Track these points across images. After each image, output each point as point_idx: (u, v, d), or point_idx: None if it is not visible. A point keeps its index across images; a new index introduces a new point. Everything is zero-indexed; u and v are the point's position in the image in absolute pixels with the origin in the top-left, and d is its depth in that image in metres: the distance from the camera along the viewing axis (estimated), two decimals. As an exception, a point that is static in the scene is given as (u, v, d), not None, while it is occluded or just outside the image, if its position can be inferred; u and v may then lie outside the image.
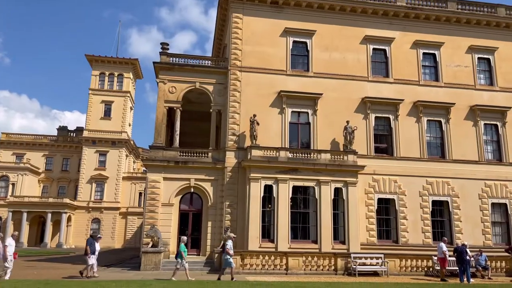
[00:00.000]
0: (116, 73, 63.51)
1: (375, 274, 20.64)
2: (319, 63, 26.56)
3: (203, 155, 24.94)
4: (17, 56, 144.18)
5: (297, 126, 25.73)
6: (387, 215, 25.47)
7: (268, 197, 23.39)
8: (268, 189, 23.32)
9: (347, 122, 24.82)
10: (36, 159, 62.42)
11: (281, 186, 23.24)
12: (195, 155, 24.90)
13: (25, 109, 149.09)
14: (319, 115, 25.65)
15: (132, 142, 66.02)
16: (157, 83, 26.07)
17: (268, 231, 23.07)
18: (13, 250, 15.38)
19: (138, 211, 59.77)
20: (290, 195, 23.26)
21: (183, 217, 24.55)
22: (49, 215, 55.19)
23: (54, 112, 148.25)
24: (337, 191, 23.86)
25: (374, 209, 24.92)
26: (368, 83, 26.80)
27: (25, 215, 54.51)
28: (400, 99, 26.58)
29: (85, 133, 60.89)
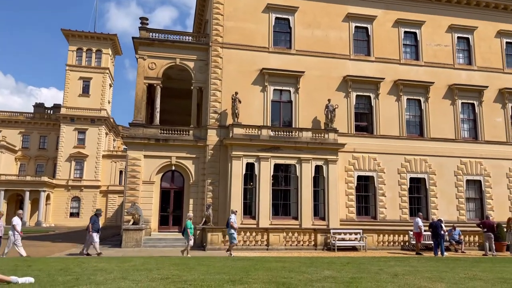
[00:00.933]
0: (94, 49, 61.81)
1: (354, 249, 21.20)
2: (302, 41, 26.40)
3: (184, 133, 24.77)
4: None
5: (279, 104, 25.72)
6: (366, 192, 26.00)
7: (250, 175, 23.52)
8: (250, 167, 23.43)
9: (329, 100, 24.94)
10: (12, 136, 60.91)
11: (263, 164, 23.36)
12: (176, 132, 24.72)
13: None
14: (301, 93, 25.67)
15: (112, 119, 64.95)
16: (137, 59, 25.50)
17: (249, 208, 23.30)
18: (19, 228, 15.77)
19: (119, 189, 59.37)
20: (271, 173, 23.45)
21: (165, 195, 24.54)
22: (27, 194, 54.40)
23: (30, 88, 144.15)
24: (318, 169, 24.15)
25: (353, 186, 25.39)
26: (350, 61, 26.85)
27: (2, 193, 53.56)
28: (381, 78, 26.77)
29: (63, 110, 59.54)
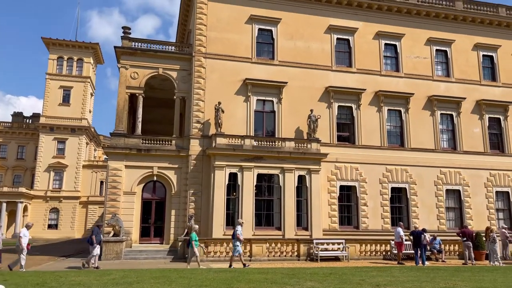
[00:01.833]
0: (75, 58, 61.02)
1: (337, 259, 21.24)
2: (284, 52, 26.62)
3: (167, 142, 24.55)
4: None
5: (262, 114, 25.78)
6: (348, 201, 26.15)
7: (232, 185, 23.40)
8: (233, 177, 23.32)
9: (311, 110, 25.13)
10: (-12, 146, 59.33)
11: (246, 174, 23.29)
12: (158, 142, 24.48)
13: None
14: (284, 104, 25.80)
15: (92, 129, 63.99)
16: (119, 68, 25.28)
17: (232, 219, 23.11)
18: (27, 241, 15.53)
19: (99, 200, 58.27)
20: (254, 183, 23.39)
21: (146, 206, 24.19)
22: (4, 205, 52.92)
23: (8, 97, 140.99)
24: (301, 179, 24.20)
25: (336, 196, 25.51)
26: (331, 72, 27.17)
27: (-23, 205, 51.95)
28: (362, 89, 27.15)
29: (42, 120, 58.36)
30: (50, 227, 57.07)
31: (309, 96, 26.25)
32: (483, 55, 30.51)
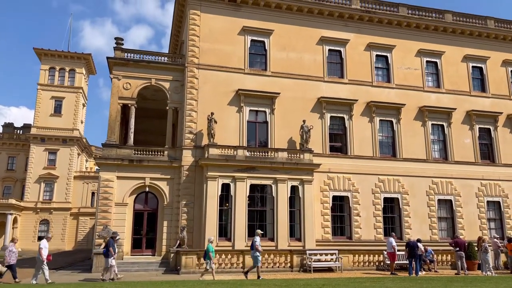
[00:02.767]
0: (67, 68, 60.77)
1: (330, 270, 21.14)
2: (277, 63, 26.80)
3: (159, 153, 24.44)
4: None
5: (255, 124, 25.82)
6: (341, 212, 26.15)
7: (225, 196, 23.31)
8: (225, 187, 23.25)
9: (304, 121, 25.24)
10: (-22, 157, 58.60)
11: (239, 184, 23.23)
12: (150, 153, 24.36)
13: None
14: (276, 114, 25.89)
15: (84, 140, 63.51)
16: (111, 79, 25.24)
17: (225, 230, 23.00)
18: (47, 252, 15.87)
19: (90, 211, 57.57)
20: (247, 194, 23.32)
21: (138, 217, 23.96)
22: (-7, 217, 51.99)
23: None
24: (294, 189, 24.19)
25: (329, 206, 25.50)
26: (324, 83, 27.37)
27: (-35, 217, 51.05)
28: (354, 100, 27.35)
29: (33, 130, 57.81)
30: (40, 239, 55.98)
31: (302, 106, 26.38)
32: (473, 67, 30.96)
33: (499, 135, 30.03)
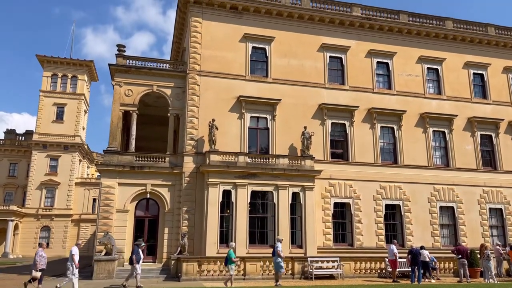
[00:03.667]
0: (69, 75, 61.09)
1: (331, 277, 21.03)
2: (278, 69, 26.89)
3: (160, 160, 24.47)
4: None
5: (256, 131, 25.85)
6: (342, 219, 26.05)
7: (226, 202, 23.27)
8: (226, 194, 23.22)
9: (305, 127, 25.26)
10: (-20, 163, 58.72)
11: (240, 191, 23.21)
12: (151, 160, 24.38)
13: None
14: (277, 121, 25.92)
15: (86, 146, 63.65)
16: (113, 85, 25.35)
17: (226, 237, 22.92)
18: (78, 258, 15.80)
19: (91, 218, 57.55)
20: (248, 200, 23.28)
21: (139, 224, 23.93)
22: (-6, 223, 51.96)
23: (0, 114, 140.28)
24: (295, 196, 24.14)
25: (330, 213, 25.42)
26: (325, 90, 27.42)
27: (-34, 223, 51.02)
28: (355, 106, 27.38)
29: (35, 137, 57.99)
30: (40, 246, 56.00)
31: (303, 113, 26.42)
32: (474, 73, 31.00)
33: (500, 142, 29.97)
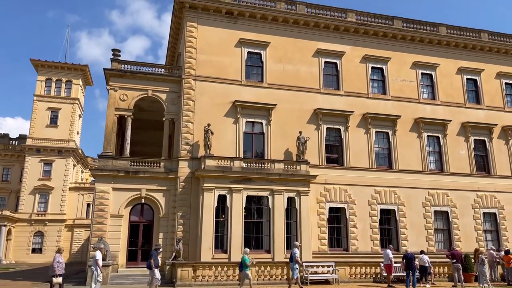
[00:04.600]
0: (64, 79, 60.77)
1: (327, 282, 21.01)
2: (273, 74, 26.97)
3: (155, 164, 24.38)
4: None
5: (251, 136, 25.86)
6: (338, 223, 26.08)
7: (221, 207, 23.21)
8: (221, 199, 23.16)
9: (300, 132, 25.31)
10: (-28, 168, 58.16)
11: (235, 196, 23.16)
12: (146, 164, 24.30)
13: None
14: (273, 126, 25.96)
15: (80, 151, 63.29)
16: (108, 90, 25.28)
17: (221, 242, 22.85)
18: (101, 263, 17.06)
19: (85, 223, 57.10)
20: (244, 205, 23.23)
21: (133, 229, 23.80)
22: (-13, 229, 51.41)
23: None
24: (290, 201, 24.14)
25: (325, 218, 25.43)
26: (320, 95, 27.53)
27: (-42, 229, 50.44)
28: (350, 111, 27.50)
29: (29, 141, 57.55)
30: (34, 251, 55.50)
31: (298, 118, 26.48)
32: (467, 79, 31.26)
33: (494, 147, 30.19)
